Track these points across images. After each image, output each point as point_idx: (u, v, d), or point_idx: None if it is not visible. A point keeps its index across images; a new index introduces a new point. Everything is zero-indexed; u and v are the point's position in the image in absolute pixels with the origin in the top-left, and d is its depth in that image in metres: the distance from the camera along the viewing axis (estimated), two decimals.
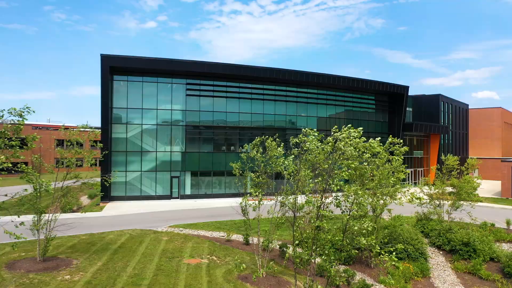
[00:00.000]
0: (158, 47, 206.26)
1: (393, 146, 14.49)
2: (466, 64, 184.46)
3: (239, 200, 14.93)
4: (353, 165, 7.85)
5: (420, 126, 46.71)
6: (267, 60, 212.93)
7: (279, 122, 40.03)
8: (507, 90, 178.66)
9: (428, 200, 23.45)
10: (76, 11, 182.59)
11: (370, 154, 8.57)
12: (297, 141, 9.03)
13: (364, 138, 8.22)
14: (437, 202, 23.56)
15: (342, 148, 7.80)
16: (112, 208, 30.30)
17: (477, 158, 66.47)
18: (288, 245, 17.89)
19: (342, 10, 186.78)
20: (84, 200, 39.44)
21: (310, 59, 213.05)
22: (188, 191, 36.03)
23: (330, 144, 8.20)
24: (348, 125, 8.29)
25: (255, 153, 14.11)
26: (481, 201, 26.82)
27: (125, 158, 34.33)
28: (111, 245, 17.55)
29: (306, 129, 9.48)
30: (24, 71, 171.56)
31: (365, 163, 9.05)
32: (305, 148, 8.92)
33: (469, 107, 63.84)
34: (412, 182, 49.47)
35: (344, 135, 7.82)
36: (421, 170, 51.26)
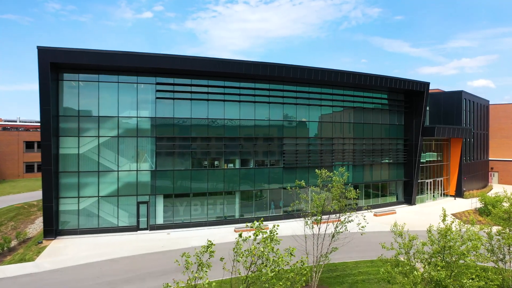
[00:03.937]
0: (155, 37, 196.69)
1: None
2: (463, 53, 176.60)
3: (225, 229, 10.14)
4: None
5: (443, 130, 39.17)
6: (264, 50, 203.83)
7: (274, 129, 32.40)
8: (503, 79, 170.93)
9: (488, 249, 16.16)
10: (71, 1, 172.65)
11: None
12: None
13: None
14: (504, 252, 16.18)
15: None
16: (53, 253, 22.82)
17: (497, 160, 59.65)
18: None
19: None
20: (37, 226, 32.07)
21: (306, 49, 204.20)
22: (160, 220, 28.56)
23: None
24: None
25: None
26: None
27: (77, 180, 26.75)
28: None
29: None
30: (19, 62, 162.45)
31: None
32: None
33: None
34: (431, 194, 42.26)
35: None
36: (441, 180, 43.94)
